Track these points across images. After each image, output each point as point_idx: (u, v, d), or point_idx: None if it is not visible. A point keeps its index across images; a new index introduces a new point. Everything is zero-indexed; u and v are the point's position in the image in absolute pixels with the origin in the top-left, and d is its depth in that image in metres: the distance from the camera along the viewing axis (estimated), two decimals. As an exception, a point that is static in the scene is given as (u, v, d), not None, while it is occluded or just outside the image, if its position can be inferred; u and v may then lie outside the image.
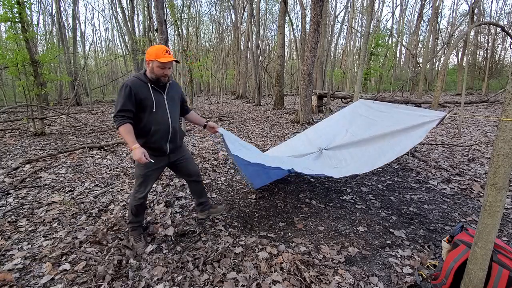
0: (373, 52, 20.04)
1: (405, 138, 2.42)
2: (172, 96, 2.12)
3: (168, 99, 2.08)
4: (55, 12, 17.05)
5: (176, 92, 2.18)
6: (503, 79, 20.30)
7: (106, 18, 31.06)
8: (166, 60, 1.92)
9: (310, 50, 7.66)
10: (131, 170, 4.26)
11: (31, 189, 3.57)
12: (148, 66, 1.98)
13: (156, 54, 1.91)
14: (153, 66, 1.95)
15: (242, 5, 20.94)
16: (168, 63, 1.95)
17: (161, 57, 1.91)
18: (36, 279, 1.93)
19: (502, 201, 1.38)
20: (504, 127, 1.32)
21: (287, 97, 19.08)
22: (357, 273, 1.94)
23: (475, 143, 5.66)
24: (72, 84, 14.98)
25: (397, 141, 2.49)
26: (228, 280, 1.87)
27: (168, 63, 1.94)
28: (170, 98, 2.10)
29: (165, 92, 2.07)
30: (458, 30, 21.72)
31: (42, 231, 2.55)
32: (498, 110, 10.20)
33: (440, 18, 22.51)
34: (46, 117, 7.88)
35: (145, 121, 2.00)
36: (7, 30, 7.26)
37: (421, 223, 2.65)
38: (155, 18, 9.78)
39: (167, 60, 1.92)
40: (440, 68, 19.42)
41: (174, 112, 2.13)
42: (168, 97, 2.09)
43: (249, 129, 8.10)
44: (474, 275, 1.50)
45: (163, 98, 2.06)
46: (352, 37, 27.99)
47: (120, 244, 2.28)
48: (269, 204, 3.09)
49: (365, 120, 3.26)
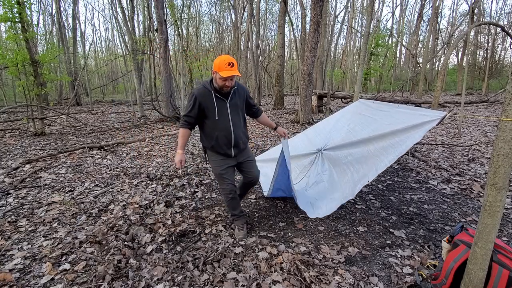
0: (373, 52, 20.05)
1: (405, 138, 2.41)
2: (235, 103, 2.18)
3: (231, 106, 2.15)
4: (55, 12, 17.05)
5: (240, 97, 2.22)
6: (503, 79, 20.30)
7: (106, 18, 31.07)
8: (227, 75, 1.97)
9: (310, 50, 7.66)
10: (131, 170, 4.26)
11: (31, 189, 3.57)
12: (213, 75, 2.08)
13: (219, 67, 1.98)
14: (216, 78, 2.04)
15: (242, 5, 20.93)
16: (229, 77, 2.00)
17: (222, 70, 1.97)
18: (36, 279, 1.93)
19: (502, 201, 1.38)
20: (504, 127, 1.32)
21: (287, 97, 19.08)
22: (357, 273, 1.94)
23: (475, 143, 5.66)
24: (72, 84, 14.98)
25: (398, 140, 2.48)
26: (228, 280, 1.87)
27: (229, 76, 2.00)
28: (233, 105, 2.17)
29: (228, 99, 2.14)
30: (458, 30, 21.72)
31: (42, 231, 2.55)
32: (498, 110, 10.20)
33: (440, 18, 22.51)
34: (46, 117, 7.89)
35: (210, 127, 2.17)
36: (7, 30, 7.27)
37: (421, 223, 2.65)
38: (155, 18, 9.78)
39: (228, 75, 1.97)
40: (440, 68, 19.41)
41: (237, 119, 2.20)
42: (231, 104, 2.16)
43: (249, 129, 8.10)
44: (474, 275, 1.50)
45: (226, 106, 2.14)
46: (352, 37, 27.98)
47: (120, 244, 2.28)
48: (269, 204, 3.09)
49: (364, 118, 3.24)
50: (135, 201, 3.13)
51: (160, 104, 11.49)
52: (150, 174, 4.01)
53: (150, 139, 6.57)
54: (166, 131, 7.76)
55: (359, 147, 2.84)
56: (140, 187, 3.62)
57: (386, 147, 2.53)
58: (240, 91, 2.21)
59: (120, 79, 23.96)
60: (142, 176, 3.99)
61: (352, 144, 2.94)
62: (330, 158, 3.12)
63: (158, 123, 9.12)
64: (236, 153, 2.28)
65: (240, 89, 2.21)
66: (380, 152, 2.55)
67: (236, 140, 2.21)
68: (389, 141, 2.55)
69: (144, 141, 6.37)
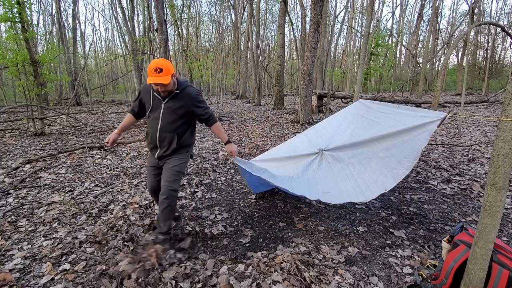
0: (373, 52, 20.05)
1: (409, 139, 2.42)
2: (173, 106, 2.09)
3: (165, 108, 2.09)
4: (55, 12, 17.05)
5: (183, 102, 2.10)
6: (503, 79, 20.29)
7: (106, 18, 31.04)
8: (149, 81, 1.95)
9: (310, 50, 7.66)
10: (131, 170, 4.26)
11: (31, 189, 3.57)
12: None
13: (148, 71, 1.95)
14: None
15: (242, 5, 20.94)
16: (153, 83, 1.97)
17: (149, 75, 1.94)
18: (36, 279, 1.93)
19: (502, 201, 1.38)
20: (504, 127, 1.32)
21: (287, 97, 19.07)
22: (357, 273, 1.94)
23: (475, 143, 5.66)
24: (72, 84, 14.98)
25: (401, 141, 2.49)
26: (229, 280, 1.86)
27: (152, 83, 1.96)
28: (168, 107, 2.09)
29: (165, 100, 2.09)
30: (458, 30, 21.73)
31: (42, 231, 2.55)
32: (498, 110, 10.20)
33: (440, 18, 22.52)
34: (46, 117, 7.88)
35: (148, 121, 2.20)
36: (7, 30, 7.26)
37: (421, 223, 2.65)
38: (155, 18, 9.78)
39: (150, 81, 1.94)
40: (440, 68, 19.42)
41: (168, 121, 2.10)
42: (166, 106, 2.09)
43: (249, 129, 8.10)
44: (474, 275, 1.50)
45: (161, 106, 2.10)
46: (352, 37, 27.98)
47: (120, 244, 2.28)
48: (269, 204, 3.09)
49: (366, 121, 3.25)
50: (135, 201, 3.13)
51: (160, 104, 11.47)
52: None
53: (150, 139, 6.56)
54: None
55: (362, 148, 2.85)
56: (140, 187, 3.62)
57: (389, 147, 2.54)
58: (184, 97, 2.10)
59: (120, 79, 23.95)
60: (142, 176, 3.99)
61: (355, 146, 2.95)
62: (332, 158, 3.12)
63: (158, 123, 9.11)
64: (159, 155, 2.15)
65: (185, 95, 2.10)
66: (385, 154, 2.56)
67: (160, 141, 2.11)
68: (391, 142, 2.56)
69: (144, 141, 6.37)
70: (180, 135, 2.15)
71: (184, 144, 2.19)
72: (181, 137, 2.15)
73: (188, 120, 2.18)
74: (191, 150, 2.34)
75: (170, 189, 2.06)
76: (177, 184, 2.12)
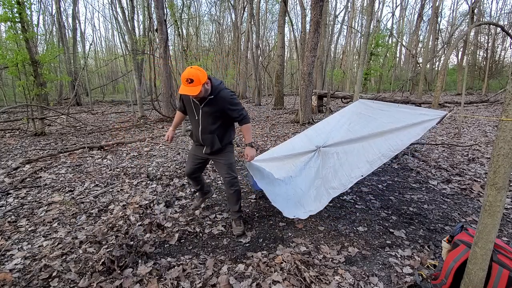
0: (373, 52, 20.04)
1: (404, 135, 2.41)
2: (209, 110, 2.26)
3: (203, 112, 2.28)
4: (55, 12, 17.03)
5: (217, 106, 2.26)
6: (503, 79, 20.29)
7: (106, 18, 31.03)
8: (181, 92, 2.08)
9: (310, 50, 7.66)
10: (131, 170, 4.26)
11: (31, 189, 3.57)
12: None
13: (181, 79, 2.08)
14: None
15: (242, 5, 20.93)
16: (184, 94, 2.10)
17: (181, 85, 2.09)
18: (36, 279, 1.93)
19: (502, 201, 1.38)
20: (504, 127, 1.32)
21: (287, 97, 19.07)
22: (357, 273, 1.94)
23: (475, 143, 5.66)
24: (72, 84, 14.97)
25: (396, 137, 2.47)
26: (229, 280, 1.86)
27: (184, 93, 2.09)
28: (205, 111, 2.27)
29: (202, 105, 2.26)
30: (458, 30, 21.72)
31: (42, 231, 2.55)
32: (498, 110, 10.20)
33: (440, 18, 22.51)
34: (46, 117, 7.88)
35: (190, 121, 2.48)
36: (7, 30, 7.25)
37: (421, 223, 2.65)
38: (155, 18, 9.77)
39: (181, 92, 2.07)
40: (440, 68, 19.41)
41: (207, 123, 2.32)
42: (204, 110, 2.27)
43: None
44: (474, 275, 1.50)
45: (199, 109, 2.29)
46: (352, 37, 27.97)
47: (120, 244, 2.27)
48: (269, 204, 3.09)
49: (364, 117, 3.24)
50: (135, 201, 3.13)
51: (160, 104, 11.48)
52: (150, 174, 4.01)
53: (150, 139, 6.57)
54: (166, 131, 7.76)
55: (356, 143, 2.84)
56: (140, 187, 3.62)
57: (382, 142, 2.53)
58: (218, 101, 2.25)
59: (120, 79, 23.95)
60: (142, 176, 3.99)
61: (350, 141, 2.94)
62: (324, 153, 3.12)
63: (158, 123, 9.12)
64: (207, 152, 2.43)
65: (219, 99, 2.25)
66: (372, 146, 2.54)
67: (203, 141, 2.39)
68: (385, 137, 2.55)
69: (144, 141, 6.37)
70: (221, 135, 2.38)
71: (227, 142, 2.45)
72: (222, 136, 2.40)
73: (225, 121, 2.37)
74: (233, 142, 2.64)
75: (232, 178, 2.45)
76: (234, 172, 2.50)
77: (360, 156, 2.56)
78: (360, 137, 2.85)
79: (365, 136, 2.80)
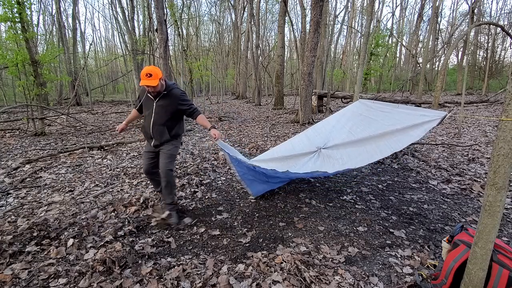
0: (373, 52, 20.02)
1: (405, 138, 2.42)
2: (163, 104, 2.54)
3: (157, 106, 2.55)
4: (55, 12, 17.02)
5: (170, 101, 2.55)
6: (503, 79, 20.29)
7: (106, 18, 31.03)
8: (141, 84, 2.40)
9: (310, 50, 7.66)
10: (131, 170, 4.26)
11: (31, 189, 3.57)
12: None
13: (141, 76, 2.39)
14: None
15: (242, 5, 20.92)
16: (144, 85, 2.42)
17: (141, 79, 2.39)
18: (36, 279, 1.92)
19: (502, 201, 1.38)
20: (504, 127, 1.32)
21: (287, 97, 19.06)
22: (357, 273, 1.94)
23: (475, 143, 5.66)
24: (72, 84, 14.97)
25: (396, 140, 2.49)
26: (229, 280, 1.86)
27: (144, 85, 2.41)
28: (159, 105, 2.55)
29: (156, 100, 2.55)
30: (458, 30, 21.71)
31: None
32: (498, 110, 10.20)
33: (440, 18, 22.51)
34: (46, 117, 7.88)
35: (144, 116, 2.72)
36: (7, 30, 7.25)
37: (421, 223, 2.65)
38: (155, 18, 9.77)
39: (142, 84, 2.39)
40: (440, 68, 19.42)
41: (159, 117, 2.56)
42: (157, 104, 2.55)
43: (249, 129, 8.10)
44: (474, 275, 1.50)
45: (153, 104, 2.56)
46: (352, 37, 27.97)
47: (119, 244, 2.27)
48: (269, 204, 3.09)
49: (365, 119, 3.25)
50: (135, 201, 3.12)
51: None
52: (150, 174, 4.01)
53: (150, 139, 6.56)
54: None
55: (358, 146, 2.85)
56: (140, 187, 3.62)
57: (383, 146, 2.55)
58: (171, 97, 2.55)
59: (120, 79, 23.93)
60: (142, 176, 3.99)
61: (352, 143, 2.95)
62: (327, 156, 3.13)
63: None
64: (155, 144, 2.63)
65: (172, 96, 2.55)
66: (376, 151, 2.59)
67: (153, 133, 2.58)
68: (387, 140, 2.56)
69: (144, 141, 6.37)
70: (170, 127, 2.60)
71: (175, 134, 2.66)
72: (171, 128, 2.61)
73: (175, 115, 2.62)
74: (181, 138, 2.83)
75: (168, 168, 2.58)
76: (172, 165, 2.64)
77: (364, 161, 2.61)
78: (361, 138, 2.86)
79: (366, 137, 2.82)
